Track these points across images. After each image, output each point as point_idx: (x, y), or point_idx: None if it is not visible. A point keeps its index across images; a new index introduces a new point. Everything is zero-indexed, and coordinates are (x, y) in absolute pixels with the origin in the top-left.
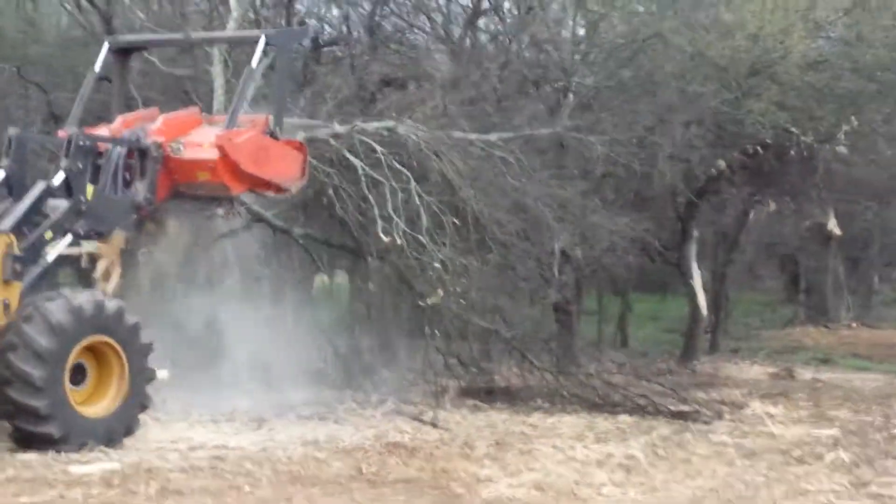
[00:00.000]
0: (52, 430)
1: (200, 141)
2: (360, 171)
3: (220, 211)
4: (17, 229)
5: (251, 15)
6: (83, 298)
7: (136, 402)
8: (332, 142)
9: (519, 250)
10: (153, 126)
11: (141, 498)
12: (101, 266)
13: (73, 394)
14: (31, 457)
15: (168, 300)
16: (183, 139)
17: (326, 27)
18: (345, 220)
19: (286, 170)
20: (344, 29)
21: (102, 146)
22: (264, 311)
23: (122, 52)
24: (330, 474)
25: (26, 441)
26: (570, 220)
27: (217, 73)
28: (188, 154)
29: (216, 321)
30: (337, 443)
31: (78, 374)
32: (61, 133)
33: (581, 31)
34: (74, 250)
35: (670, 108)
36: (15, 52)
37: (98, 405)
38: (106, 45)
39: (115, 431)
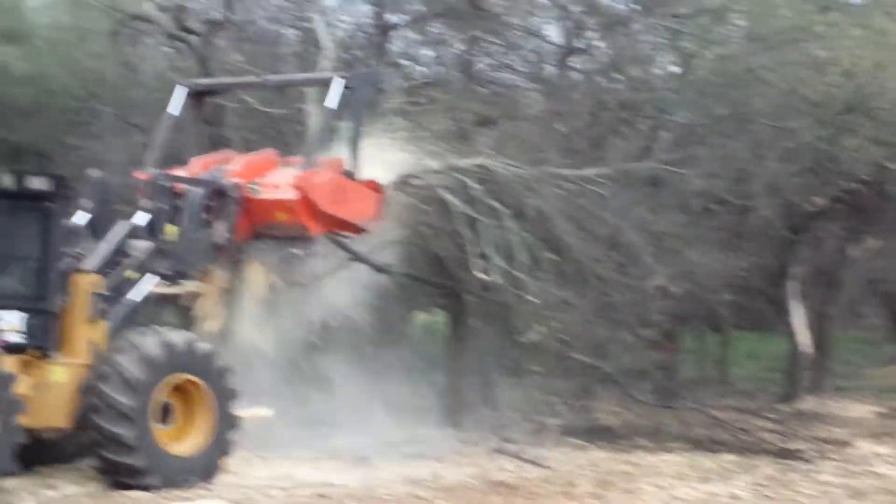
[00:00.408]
0: (136, 461)
1: (278, 182)
2: (456, 210)
3: (297, 251)
4: (102, 269)
5: (344, 55)
6: (175, 336)
7: (219, 448)
8: (428, 180)
9: (617, 285)
10: (231, 167)
11: None
12: (202, 305)
13: (159, 432)
14: (139, 494)
15: (270, 339)
16: (260, 180)
17: (419, 67)
18: (441, 257)
19: (364, 209)
20: (437, 69)
21: (181, 188)
22: (364, 349)
23: (197, 96)
24: None
25: (110, 472)
26: (666, 256)
27: (312, 112)
28: (266, 195)
29: (317, 360)
30: (439, 481)
31: (164, 413)
32: (140, 175)
33: (674, 69)
34: (176, 290)
35: (765, 145)
36: (115, 95)
37: (181, 446)
38: (181, 89)
39: (194, 473)
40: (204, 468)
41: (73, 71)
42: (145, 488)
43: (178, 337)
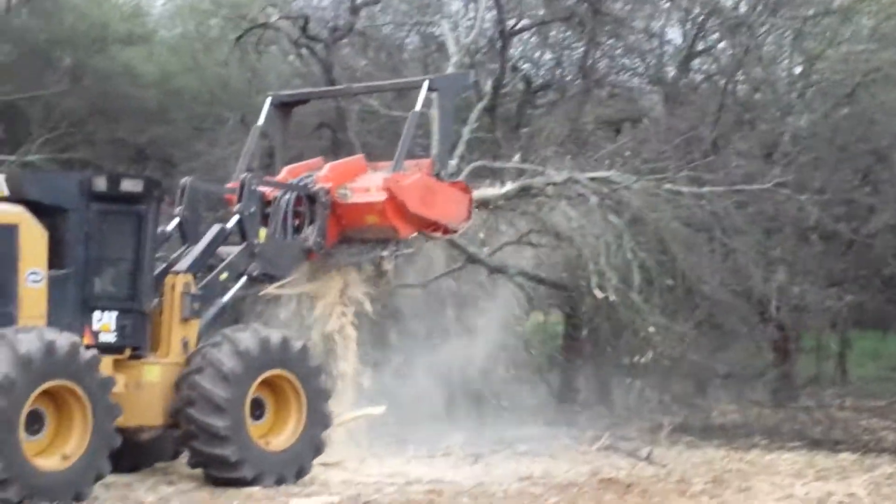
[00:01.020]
0: (228, 452)
1: (367, 185)
2: (574, 224)
3: (386, 253)
4: (194, 270)
5: (466, 59)
6: (271, 333)
7: (310, 446)
8: (549, 191)
9: (729, 307)
10: (320, 173)
11: None
12: (319, 307)
13: (252, 427)
14: (253, 490)
15: (385, 338)
16: (350, 185)
17: (540, 71)
18: (560, 262)
19: (453, 211)
20: (557, 73)
21: (271, 195)
22: (479, 348)
23: (284, 107)
24: None
25: (202, 464)
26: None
27: (434, 115)
28: (356, 198)
29: (432, 358)
30: (552, 478)
31: (258, 409)
32: (230, 185)
33: (797, 70)
34: (290, 291)
35: (890, 146)
36: (239, 101)
37: (272, 442)
38: (268, 101)
39: (286, 470)
40: (295, 465)
41: (199, 77)
42: (236, 482)
43: (273, 334)
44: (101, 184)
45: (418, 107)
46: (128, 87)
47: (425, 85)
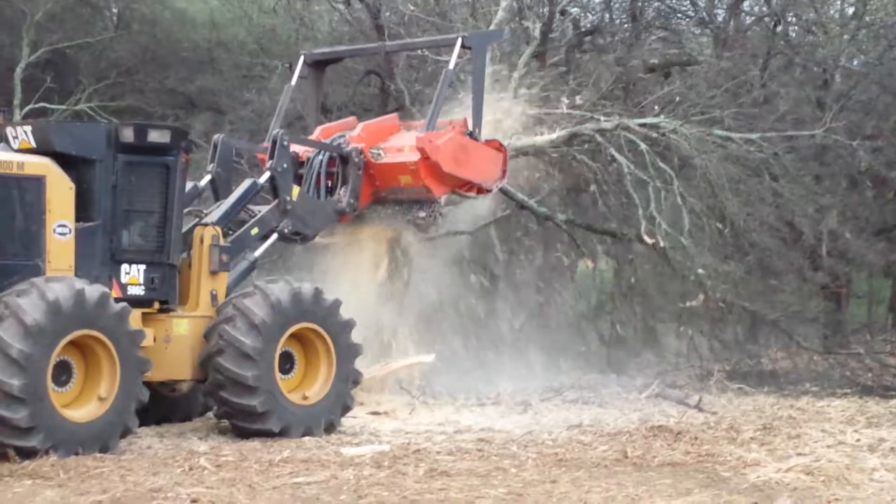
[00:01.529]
0: (255, 403)
1: (400, 145)
2: (626, 170)
3: (422, 214)
4: (223, 223)
5: (515, 4)
6: (303, 286)
7: (340, 401)
8: (598, 137)
9: (779, 252)
10: (353, 133)
11: (410, 479)
12: (368, 256)
13: (281, 380)
14: (305, 439)
15: (434, 286)
16: (383, 144)
17: (588, 15)
18: (607, 212)
19: (487, 170)
20: (606, 16)
21: (303, 155)
22: (528, 296)
23: (317, 65)
24: (595, 457)
25: (228, 415)
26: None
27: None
28: (389, 158)
29: (481, 306)
30: (601, 426)
31: (287, 363)
32: (264, 145)
33: (850, 11)
34: (333, 240)
35: None
36: (287, 50)
37: (300, 394)
38: (301, 59)
39: (316, 423)
40: (323, 420)
41: (247, 26)
42: (262, 433)
43: (305, 286)
44: (128, 134)
45: (451, 64)
46: (177, 32)
47: (458, 42)
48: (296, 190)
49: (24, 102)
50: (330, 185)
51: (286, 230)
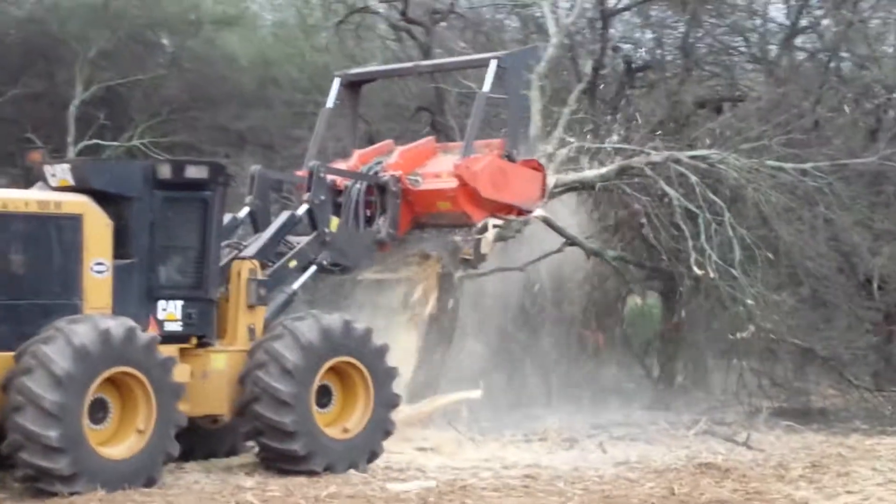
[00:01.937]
0: (296, 447)
1: (438, 171)
2: (676, 203)
3: (459, 238)
4: (262, 257)
5: (566, 41)
6: (331, 319)
7: (380, 428)
8: (648, 171)
9: (832, 283)
10: (390, 160)
11: None
12: (418, 291)
13: (319, 416)
14: (351, 473)
15: (482, 322)
16: (420, 170)
17: (640, 51)
18: (657, 246)
19: (526, 191)
20: (657, 52)
21: (341, 184)
22: (576, 332)
23: (353, 86)
24: (642, 494)
25: (272, 459)
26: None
27: (534, 97)
28: (427, 185)
29: (528, 342)
30: (649, 463)
31: (324, 397)
32: (300, 172)
33: None
34: (390, 276)
35: None
36: None
37: (340, 429)
38: (337, 81)
39: (359, 455)
40: (366, 450)
41: (299, 64)
42: (307, 474)
43: (334, 320)
44: (165, 171)
45: (487, 87)
46: (226, 70)
47: (493, 64)
48: (335, 221)
49: (77, 139)
50: (369, 213)
51: (325, 262)
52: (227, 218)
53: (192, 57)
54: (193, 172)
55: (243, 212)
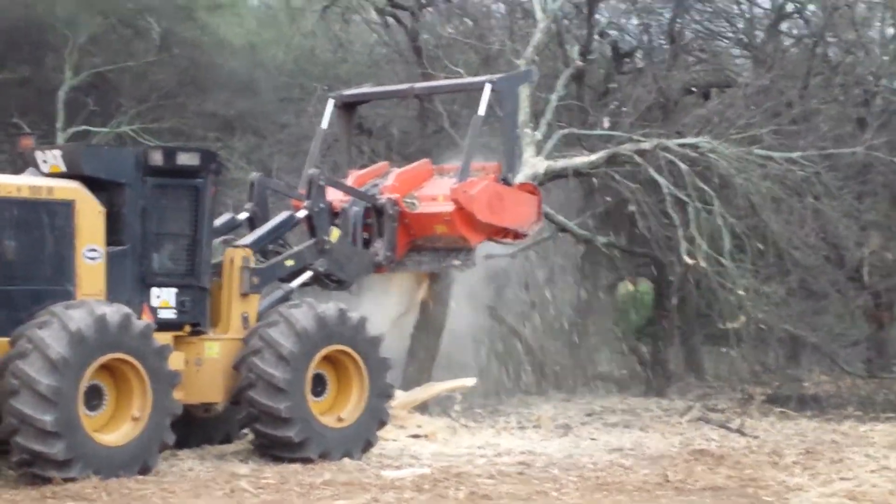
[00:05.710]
0: (291, 433)
1: (434, 194)
2: (665, 191)
3: (457, 262)
4: (256, 247)
5: (553, 26)
6: (326, 307)
7: (374, 417)
8: (637, 158)
9: (820, 273)
10: (386, 182)
11: (450, 502)
12: (410, 279)
13: (314, 404)
14: (346, 461)
15: (475, 310)
16: (417, 193)
17: (626, 37)
18: (647, 234)
19: (522, 215)
20: (644, 38)
21: (338, 205)
22: (569, 318)
23: (347, 107)
24: (636, 481)
25: (266, 446)
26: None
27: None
28: (424, 208)
29: (521, 329)
30: (643, 450)
31: (318, 386)
32: (301, 191)
33: (890, 31)
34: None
35: None
36: (326, 72)
37: (335, 417)
38: (331, 102)
39: (354, 444)
40: (361, 439)
41: (285, 49)
42: (302, 461)
43: (329, 308)
44: (156, 158)
45: (481, 110)
46: (216, 56)
47: (487, 88)
48: (336, 232)
49: (66, 125)
50: (367, 236)
51: (321, 269)
52: (225, 217)
53: (181, 42)
54: (185, 159)
55: (242, 215)
